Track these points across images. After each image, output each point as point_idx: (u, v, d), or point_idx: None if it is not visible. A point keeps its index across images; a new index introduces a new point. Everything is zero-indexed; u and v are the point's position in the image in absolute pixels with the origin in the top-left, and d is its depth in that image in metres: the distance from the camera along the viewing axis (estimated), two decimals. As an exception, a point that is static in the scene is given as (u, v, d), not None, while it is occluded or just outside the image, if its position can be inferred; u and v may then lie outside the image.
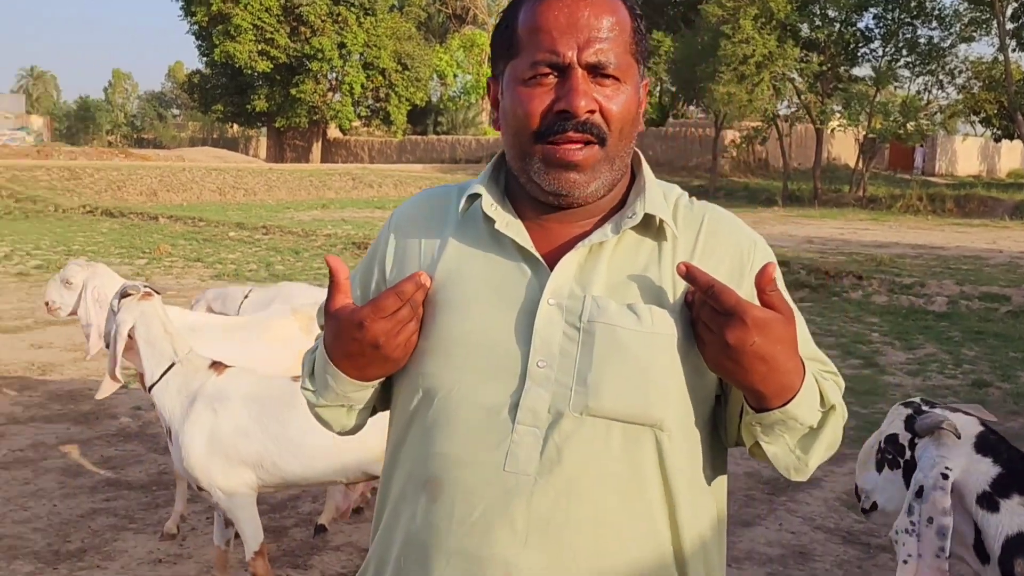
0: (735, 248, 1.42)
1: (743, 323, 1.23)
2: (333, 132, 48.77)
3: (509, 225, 1.40)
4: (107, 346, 3.62)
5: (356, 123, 48.20)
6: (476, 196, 1.43)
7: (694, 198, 1.50)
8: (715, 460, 1.43)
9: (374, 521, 1.51)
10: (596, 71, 1.34)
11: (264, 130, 51.00)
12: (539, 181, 1.37)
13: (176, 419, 3.27)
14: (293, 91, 43.03)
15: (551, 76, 1.34)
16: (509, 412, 1.32)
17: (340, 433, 1.55)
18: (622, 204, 1.43)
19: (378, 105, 46.27)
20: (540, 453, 1.30)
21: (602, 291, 1.35)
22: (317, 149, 46.92)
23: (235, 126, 56.10)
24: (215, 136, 60.79)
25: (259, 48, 42.08)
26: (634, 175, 1.48)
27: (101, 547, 4.52)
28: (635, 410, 1.31)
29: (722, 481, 1.46)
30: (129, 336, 3.35)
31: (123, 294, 3.38)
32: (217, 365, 3.39)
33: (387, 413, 1.53)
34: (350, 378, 1.40)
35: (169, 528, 4.65)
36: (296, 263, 14.98)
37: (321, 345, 1.44)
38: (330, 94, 45.02)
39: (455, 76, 53.22)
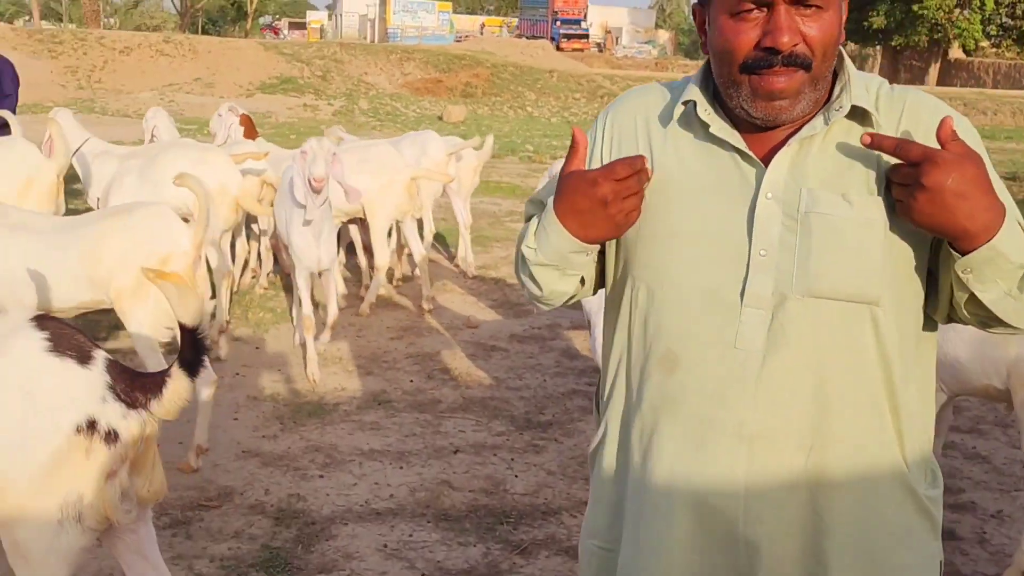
0: (934, 124, 1.43)
1: (936, 165, 1.32)
2: (955, 53, 44.96)
3: (723, 129, 1.51)
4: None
5: (984, 43, 43.86)
6: (692, 102, 1.54)
7: (895, 85, 1.56)
8: (924, 333, 1.55)
9: (600, 396, 1.71)
10: (799, 2, 1.41)
11: (879, 49, 48.79)
12: (748, 108, 1.47)
13: (593, 310, 3.44)
14: (915, 7, 40.38)
15: (756, 11, 1.43)
16: (737, 296, 1.48)
17: (544, 299, 1.65)
18: (828, 99, 1.51)
19: (1012, 23, 41.57)
20: (767, 331, 1.46)
21: (815, 183, 1.47)
22: (934, 71, 43.70)
23: (849, 43, 54.48)
24: (830, 54, 59.59)
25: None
26: (835, 72, 1.52)
27: (565, 424, 4.96)
28: (853, 290, 1.45)
29: (932, 352, 1.59)
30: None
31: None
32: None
33: None
34: (572, 235, 1.52)
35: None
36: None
37: (550, 204, 1.56)
38: (957, 11, 41.41)
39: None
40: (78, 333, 2.24)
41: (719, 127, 1.51)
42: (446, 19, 52.18)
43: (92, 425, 2.14)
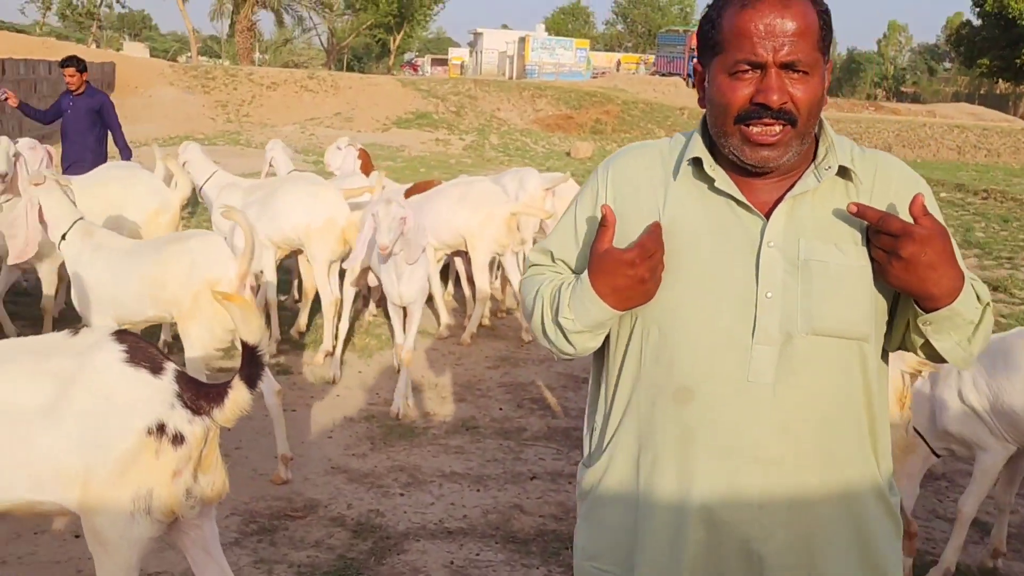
0: (903, 187, 1.71)
1: (912, 240, 1.53)
2: (1117, 91, 42.76)
3: (725, 182, 1.69)
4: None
5: None
6: (697, 159, 1.72)
7: (863, 146, 1.79)
8: (884, 362, 1.78)
9: (599, 430, 1.85)
10: (788, 68, 1.61)
11: (1034, 87, 46.76)
12: (739, 155, 1.66)
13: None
14: (1072, 44, 38.68)
15: (750, 72, 1.62)
16: (748, 334, 1.65)
17: (576, 355, 1.81)
18: (813, 156, 1.71)
19: None
20: (776, 366, 1.64)
21: (811, 233, 1.66)
22: (1093, 110, 41.64)
23: (1000, 82, 52.34)
24: (981, 92, 57.36)
25: (1038, -3, 38.52)
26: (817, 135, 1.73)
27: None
28: (849, 328, 1.65)
29: (886, 375, 1.80)
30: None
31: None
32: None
33: None
34: (610, 307, 1.69)
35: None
36: (1000, 231, 13.83)
37: (586, 281, 1.71)
38: (1119, 48, 39.45)
39: None
40: (152, 347, 2.52)
41: (723, 181, 1.70)
42: (583, 56, 52.65)
43: (161, 428, 2.41)
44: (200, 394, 2.48)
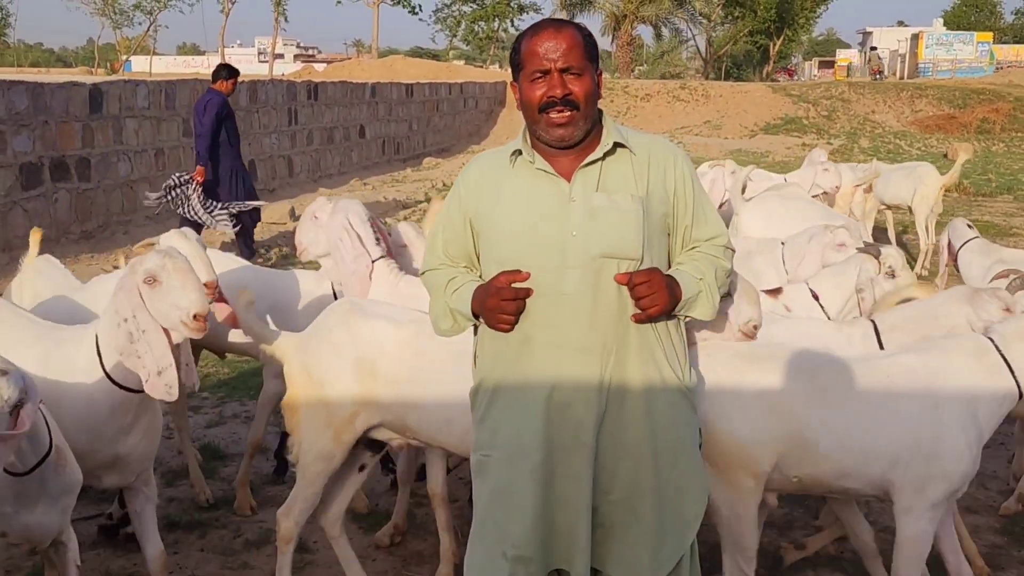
0: (665, 157, 2.47)
1: (642, 285, 2.34)
2: None
3: (540, 162, 2.42)
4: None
5: None
6: (518, 151, 2.45)
7: (640, 130, 2.66)
8: None
9: (475, 353, 2.56)
10: (566, 71, 2.34)
11: None
12: (545, 136, 2.39)
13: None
14: None
15: (542, 77, 2.36)
16: (563, 259, 2.35)
17: (442, 333, 2.58)
18: (599, 138, 2.44)
19: None
20: (581, 280, 2.35)
21: (600, 189, 2.39)
22: None
23: None
24: None
25: None
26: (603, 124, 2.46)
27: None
28: (624, 252, 2.36)
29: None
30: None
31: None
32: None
33: None
34: (471, 317, 2.48)
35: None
36: None
37: (472, 291, 2.47)
38: None
39: None
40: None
41: (538, 161, 2.41)
42: (985, 50, 49.02)
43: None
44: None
